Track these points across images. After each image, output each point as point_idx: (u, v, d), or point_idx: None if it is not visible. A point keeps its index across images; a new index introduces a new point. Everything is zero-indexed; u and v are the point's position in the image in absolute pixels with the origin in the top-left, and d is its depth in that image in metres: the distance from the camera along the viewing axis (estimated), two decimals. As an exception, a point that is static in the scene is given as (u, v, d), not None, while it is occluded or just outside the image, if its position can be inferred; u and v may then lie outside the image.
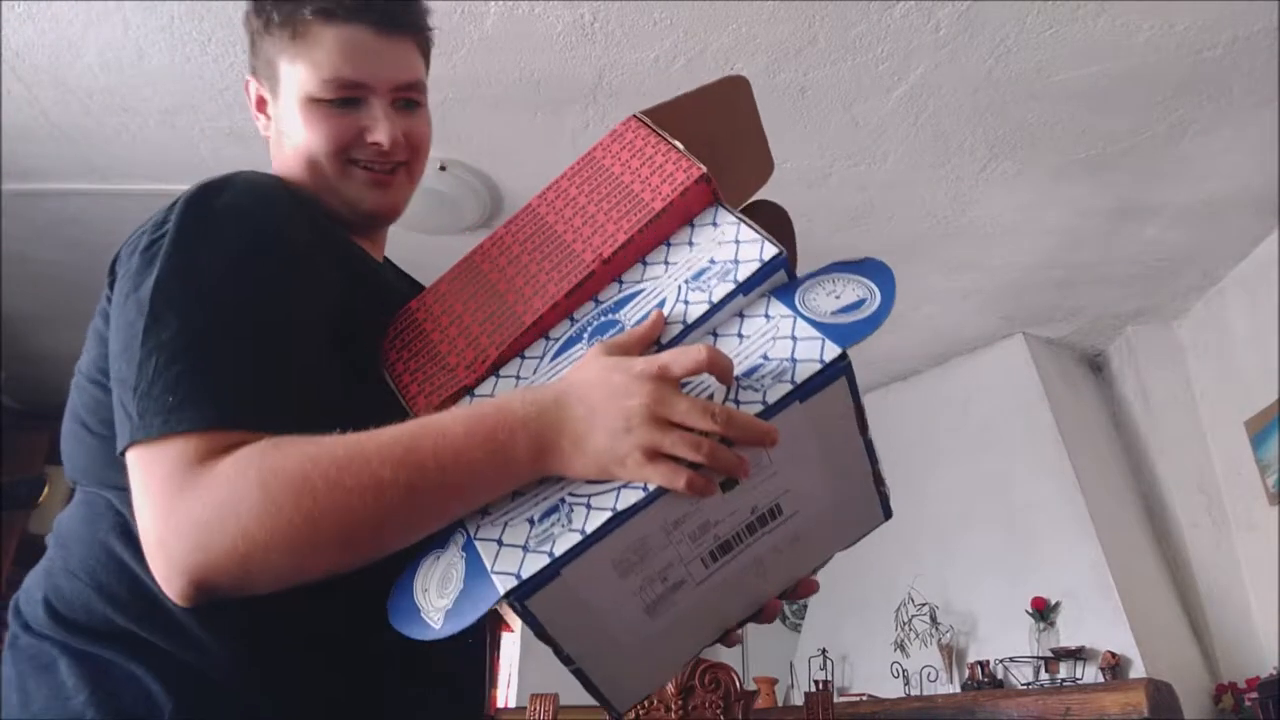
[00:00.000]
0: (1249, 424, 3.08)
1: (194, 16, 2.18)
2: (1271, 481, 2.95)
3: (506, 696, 4.14)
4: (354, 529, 0.61)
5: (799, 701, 3.32)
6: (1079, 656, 2.88)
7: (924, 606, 3.41)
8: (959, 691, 3.08)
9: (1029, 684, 2.97)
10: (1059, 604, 3.07)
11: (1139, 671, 2.76)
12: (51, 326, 3.39)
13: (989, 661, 3.10)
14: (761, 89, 0.93)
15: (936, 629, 3.34)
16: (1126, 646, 2.84)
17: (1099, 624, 2.93)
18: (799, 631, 4.11)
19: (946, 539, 3.48)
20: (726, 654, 4.24)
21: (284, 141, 0.86)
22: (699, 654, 0.78)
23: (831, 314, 0.67)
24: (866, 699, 3.25)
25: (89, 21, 2.18)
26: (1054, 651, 2.93)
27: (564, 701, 2.31)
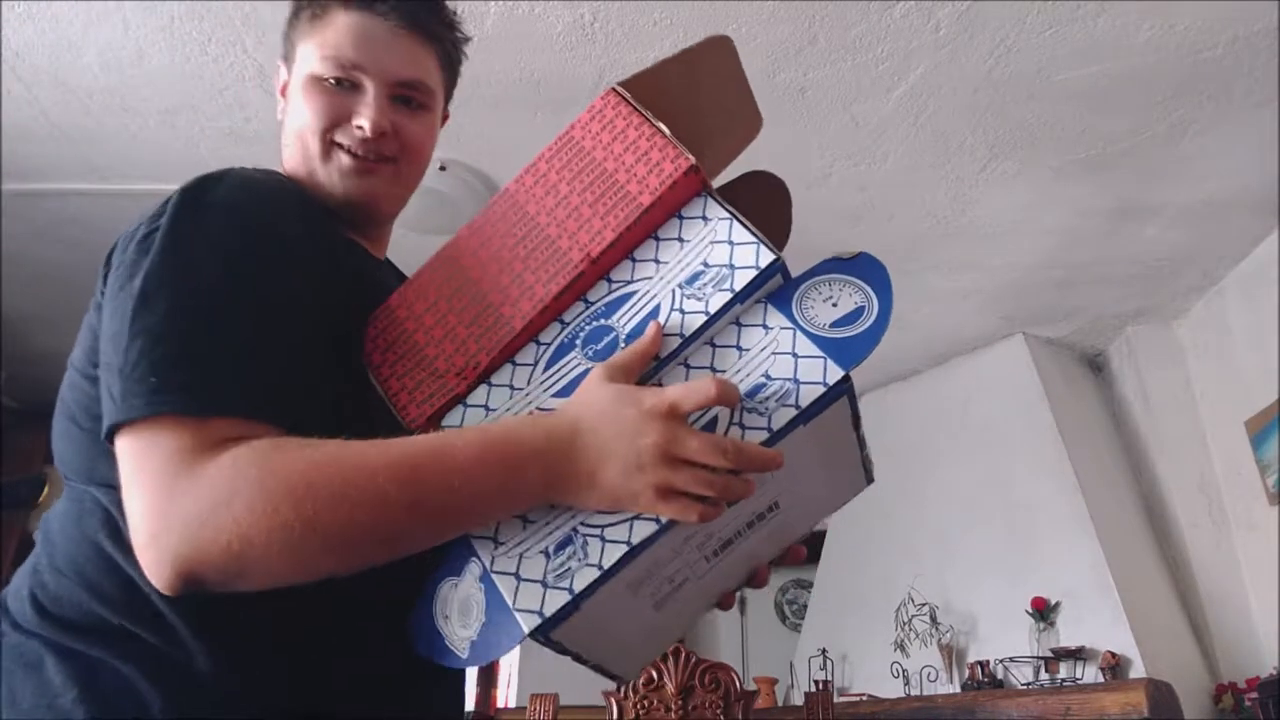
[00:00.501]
0: (1249, 424, 3.08)
1: (194, 16, 2.18)
2: (1271, 481, 2.95)
3: (507, 696, 4.14)
4: (352, 540, 0.61)
5: (799, 701, 3.32)
6: (1079, 656, 2.88)
7: (924, 606, 3.41)
8: (959, 691, 3.08)
9: (1029, 684, 2.97)
10: (1059, 604, 3.06)
11: (1139, 671, 2.75)
12: (51, 326, 3.39)
13: (989, 661, 3.10)
14: (761, 89, 0.93)
15: (936, 629, 3.33)
16: (1126, 646, 2.84)
17: (1099, 624, 2.93)
18: (799, 631, 4.11)
19: (946, 539, 3.48)
20: (726, 654, 4.25)
21: (286, 123, 0.88)
22: (699, 619, 0.83)
23: (831, 326, 0.67)
24: (866, 699, 3.25)
25: (89, 21, 2.18)
26: (1054, 651, 2.93)
27: (564, 701, 2.32)
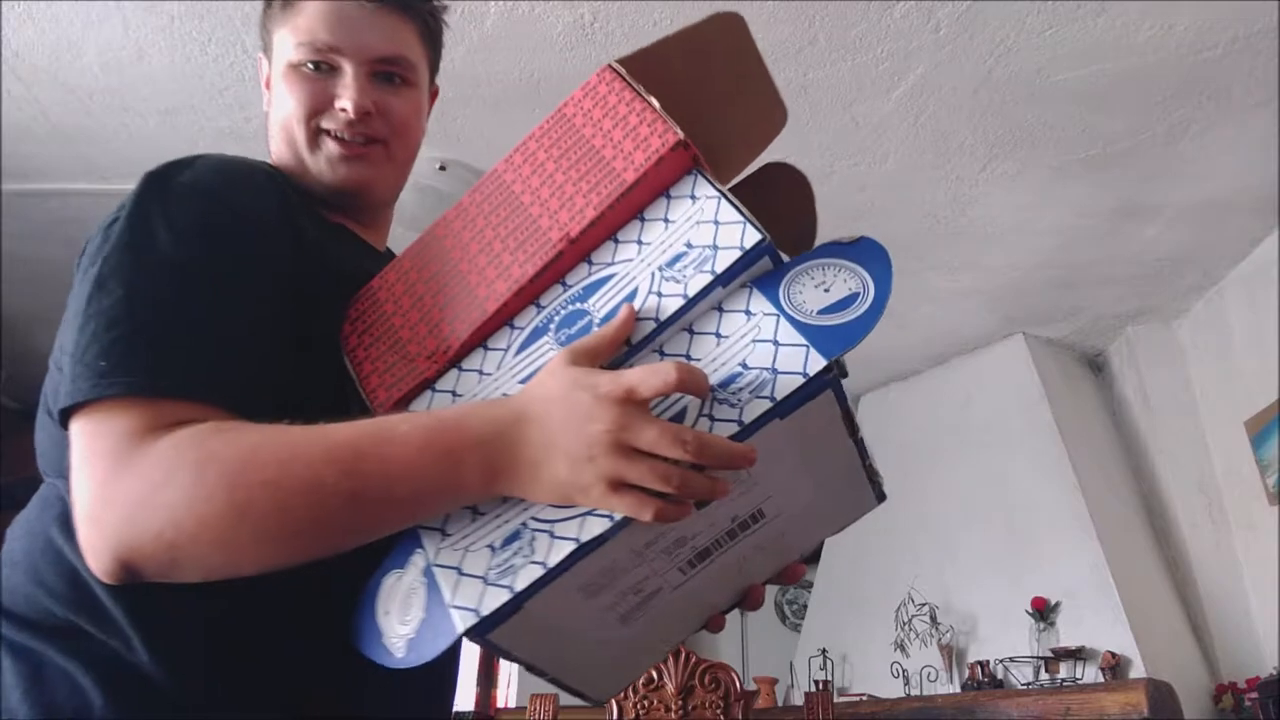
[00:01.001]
0: (1249, 424, 3.08)
1: (194, 16, 2.18)
2: (1271, 481, 2.95)
3: (506, 696, 4.13)
4: (286, 528, 0.58)
5: (799, 701, 3.32)
6: (1079, 656, 2.88)
7: (924, 606, 3.41)
8: (959, 691, 3.08)
9: (1029, 684, 2.97)
10: (1059, 604, 3.07)
11: (1139, 671, 2.76)
12: (51, 326, 3.27)
13: (989, 661, 3.10)
14: (761, 89, 0.92)
15: (936, 629, 3.34)
16: (1126, 646, 2.84)
17: (1099, 624, 2.93)
18: (799, 631, 4.12)
19: (946, 539, 3.49)
20: (726, 654, 4.25)
21: (270, 114, 0.86)
22: (683, 640, 0.75)
23: (818, 313, 0.61)
24: (866, 699, 3.25)
25: (89, 21, 2.18)
26: (1054, 651, 2.93)
27: (564, 701, 2.31)
